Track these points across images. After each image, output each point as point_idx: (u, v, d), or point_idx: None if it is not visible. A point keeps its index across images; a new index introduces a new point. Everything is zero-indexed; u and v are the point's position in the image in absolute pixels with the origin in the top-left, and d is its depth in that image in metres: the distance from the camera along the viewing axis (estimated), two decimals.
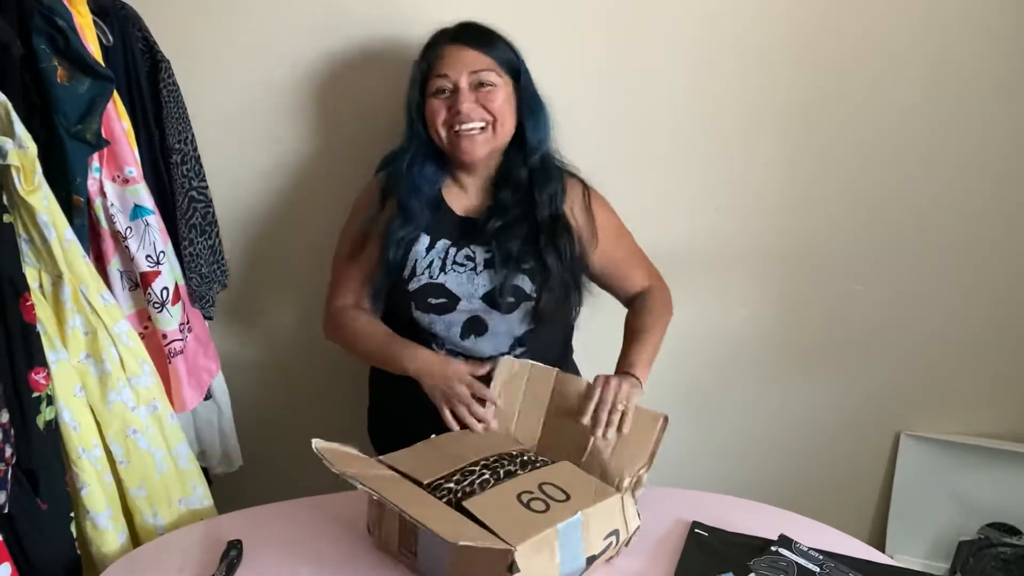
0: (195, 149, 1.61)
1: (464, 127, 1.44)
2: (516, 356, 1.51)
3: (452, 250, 1.50)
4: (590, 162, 1.57)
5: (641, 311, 1.56)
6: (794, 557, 1.27)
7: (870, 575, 1.25)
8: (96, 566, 1.36)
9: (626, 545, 1.24)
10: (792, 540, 1.30)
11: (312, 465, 2.08)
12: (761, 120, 1.82)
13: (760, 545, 1.30)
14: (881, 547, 2.12)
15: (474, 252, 1.50)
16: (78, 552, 1.33)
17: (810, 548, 1.29)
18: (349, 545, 1.30)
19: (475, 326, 1.50)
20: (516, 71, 1.49)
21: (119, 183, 1.41)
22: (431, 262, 1.49)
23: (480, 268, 1.50)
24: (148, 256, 1.45)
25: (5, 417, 1.16)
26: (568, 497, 1.18)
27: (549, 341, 1.57)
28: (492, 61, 1.45)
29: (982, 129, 1.81)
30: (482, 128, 1.45)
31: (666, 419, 1.31)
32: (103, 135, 1.34)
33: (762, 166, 1.86)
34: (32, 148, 1.18)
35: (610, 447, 1.32)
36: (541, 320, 1.51)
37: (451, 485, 1.19)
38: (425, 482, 1.19)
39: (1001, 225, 1.90)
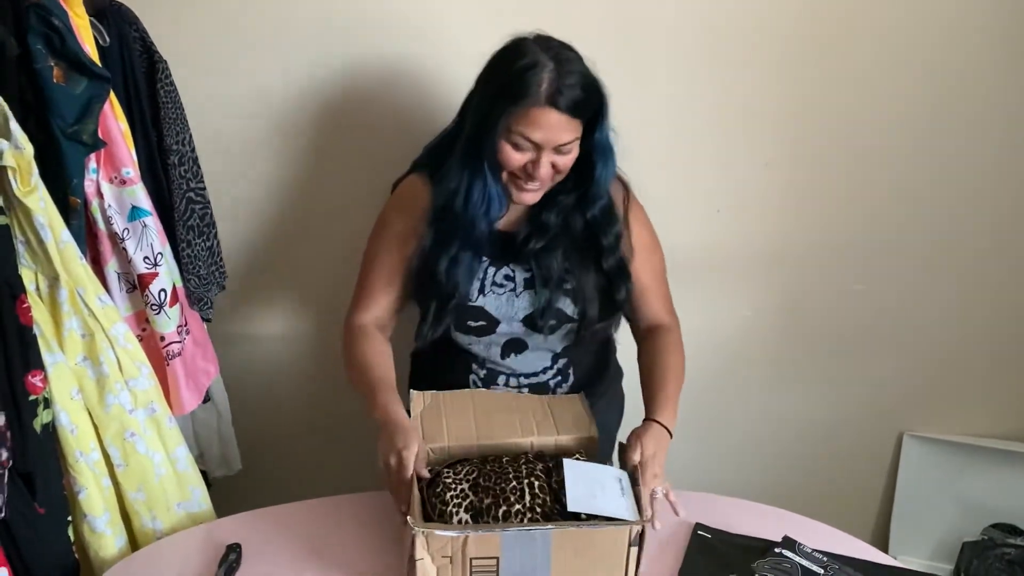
0: (193, 150, 1.60)
1: (530, 184, 1.36)
2: (559, 368, 1.51)
3: (491, 269, 1.45)
4: None
5: (664, 352, 1.49)
6: (798, 559, 1.26)
7: None
8: (94, 570, 1.35)
9: None
10: (796, 541, 1.29)
11: (311, 468, 2.09)
12: (762, 122, 1.81)
13: (763, 547, 1.29)
14: (884, 548, 2.11)
15: (513, 271, 1.45)
16: (75, 556, 1.32)
17: (814, 550, 1.28)
18: (349, 548, 1.30)
19: (515, 345, 1.48)
20: (595, 119, 1.36)
21: (116, 184, 1.40)
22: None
23: (520, 289, 1.45)
24: (146, 258, 1.44)
25: (1, 420, 1.15)
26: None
27: (590, 348, 1.56)
28: (579, 124, 1.32)
29: (982, 129, 1.80)
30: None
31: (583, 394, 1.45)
32: (100, 136, 1.33)
33: (763, 167, 1.85)
34: (29, 149, 1.17)
35: (551, 421, 1.37)
36: (582, 339, 1.49)
37: (519, 507, 1.17)
38: (501, 512, 1.17)
39: (1003, 224, 1.89)
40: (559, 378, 1.52)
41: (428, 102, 1.74)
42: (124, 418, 1.36)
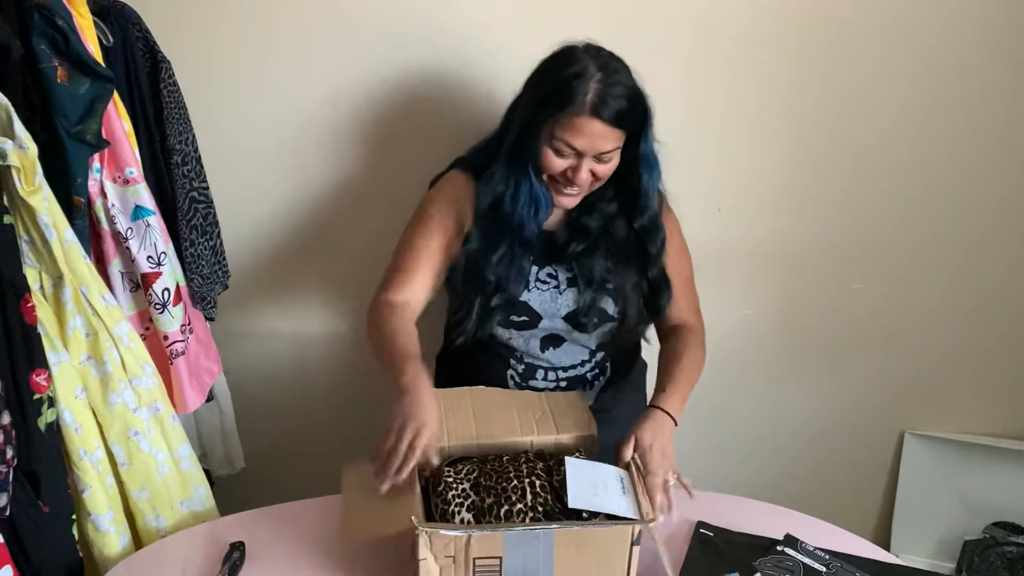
0: (196, 149, 1.60)
1: (569, 189, 1.39)
2: (597, 362, 1.52)
3: (534, 268, 1.47)
4: None
5: (682, 350, 1.50)
6: (800, 556, 1.26)
7: (877, 575, 1.24)
8: (98, 569, 1.36)
9: None
10: (798, 539, 1.29)
11: (314, 466, 2.09)
12: (763, 121, 1.81)
13: (765, 545, 1.29)
14: (886, 546, 2.11)
15: (556, 271, 1.47)
16: (79, 555, 1.33)
17: (816, 548, 1.28)
18: (352, 547, 1.30)
19: (553, 339, 1.50)
20: (639, 130, 1.38)
21: (120, 184, 1.40)
22: None
23: (564, 287, 1.47)
24: (149, 257, 1.44)
25: (6, 419, 1.16)
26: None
27: (623, 344, 1.57)
28: (622, 135, 1.34)
29: (982, 129, 1.80)
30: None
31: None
32: (103, 135, 1.33)
33: (764, 166, 1.85)
34: (33, 149, 1.18)
35: (551, 420, 1.36)
36: (621, 338, 1.52)
37: (520, 506, 1.17)
38: (503, 512, 1.17)
39: (1002, 223, 1.89)
40: (596, 371, 1.54)
41: (427, 104, 1.75)
42: (128, 417, 1.37)
